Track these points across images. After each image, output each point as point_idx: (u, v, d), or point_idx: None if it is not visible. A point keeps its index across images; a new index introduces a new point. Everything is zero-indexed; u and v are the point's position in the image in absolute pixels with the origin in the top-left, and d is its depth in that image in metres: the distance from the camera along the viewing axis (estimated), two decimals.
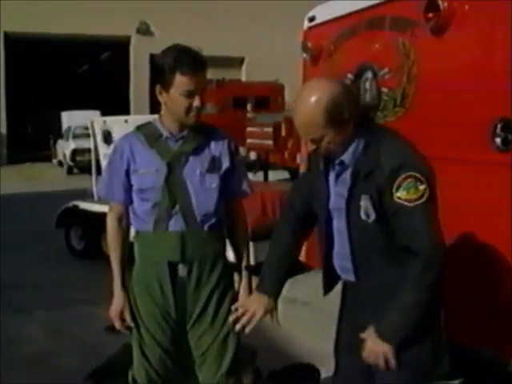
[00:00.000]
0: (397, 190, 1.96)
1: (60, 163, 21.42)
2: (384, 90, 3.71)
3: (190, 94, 2.34)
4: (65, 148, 20.14)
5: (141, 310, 2.48)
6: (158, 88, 2.39)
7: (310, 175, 2.33)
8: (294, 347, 3.70)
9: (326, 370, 2.78)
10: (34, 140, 27.91)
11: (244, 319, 2.33)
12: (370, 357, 2.08)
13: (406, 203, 1.96)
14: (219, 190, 2.46)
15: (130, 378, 2.56)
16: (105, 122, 7.39)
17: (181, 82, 2.32)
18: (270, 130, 13.18)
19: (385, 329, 2.04)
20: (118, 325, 2.51)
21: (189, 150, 2.44)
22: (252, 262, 5.57)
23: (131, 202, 2.48)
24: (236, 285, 2.58)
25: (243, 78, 23.78)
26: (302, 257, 4.51)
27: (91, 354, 4.03)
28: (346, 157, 2.09)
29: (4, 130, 23.85)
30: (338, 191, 2.15)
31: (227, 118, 16.76)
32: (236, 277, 2.60)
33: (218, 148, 2.48)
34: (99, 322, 3.81)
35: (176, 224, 2.41)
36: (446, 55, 3.28)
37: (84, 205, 6.97)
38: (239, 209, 2.62)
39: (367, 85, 3.87)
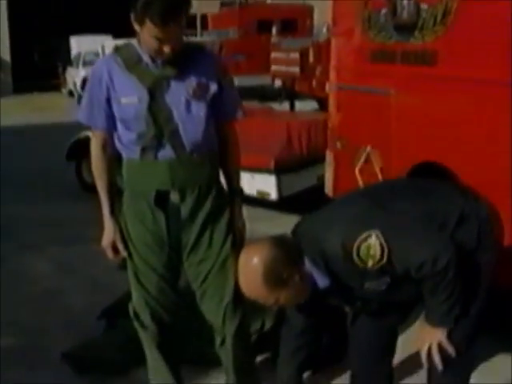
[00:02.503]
0: (362, 262, 2.05)
1: (70, 93, 21.43)
2: (423, 6, 3.59)
3: (160, 41, 2.29)
4: (75, 76, 20.11)
5: (133, 237, 2.53)
6: (132, 16, 2.31)
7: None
8: None
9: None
10: (41, 68, 27.80)
11: None
12: (423, 344, 2.20)
13: (381, 262, 2.04)
14: (207, 118, 2.45)
15: (130, 310, 2.63)
16: (116, 45, 7.30)
17: (150, 27, 2.26)
18: (296, 55, 12.99)
19: (432, 318, 2.17)
20: (110, 255, 2.58)
21: (171, 75, 2.40)
22: (275, 196, 5.67)
23: (115, 128, 2.49)
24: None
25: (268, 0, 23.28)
26: (328, 190, 4.52)
27: (103, 292, 4.13)
28: (323, 282, 2.18)
29: (8, 58, 23.80)
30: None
31: (250, 43, 16.56)
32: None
33: (203, 71, 2.44)
34: (112, 260, 3.87)
35: (165, 153, 2.41)
36: None
37: None
38: (230, 133, 2.60)
39: (405, 1, 3.75)
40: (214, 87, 2.46)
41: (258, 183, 5.63)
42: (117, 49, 2.50)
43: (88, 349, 3.37)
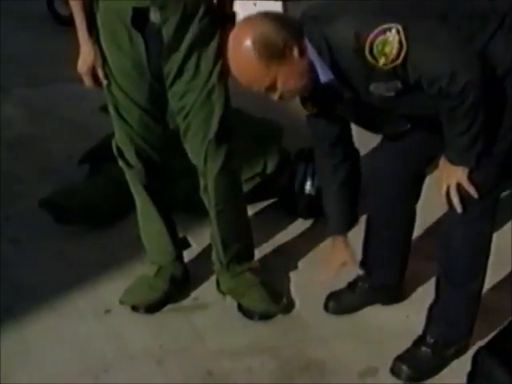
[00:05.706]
0: (374, 59, 1.96)
1: None
2: None
3: None
4: None
5: (111, 65, 2.44)
6: None
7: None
8: None
9: None
10: None
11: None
12: (442, 184, 2.17)
13: (395, 62, 1.95)
14: None
15: (114, 148, 2.62)
16: None
17: None
18: None
19: (451, 153, 2.13)
20: (88, 82, 2.50)
21: None
22: None
23: None
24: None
25: None
26: None
27: (83, 137, 4.11)
28: (325, 76, 2.09)
29: None
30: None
31: None
32: None
33: None
34: (92, 101, 3.82)
35: None
36: None
37: None
38: None
39: None
40: None
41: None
42: None
43: (69, 195, 3.36)
